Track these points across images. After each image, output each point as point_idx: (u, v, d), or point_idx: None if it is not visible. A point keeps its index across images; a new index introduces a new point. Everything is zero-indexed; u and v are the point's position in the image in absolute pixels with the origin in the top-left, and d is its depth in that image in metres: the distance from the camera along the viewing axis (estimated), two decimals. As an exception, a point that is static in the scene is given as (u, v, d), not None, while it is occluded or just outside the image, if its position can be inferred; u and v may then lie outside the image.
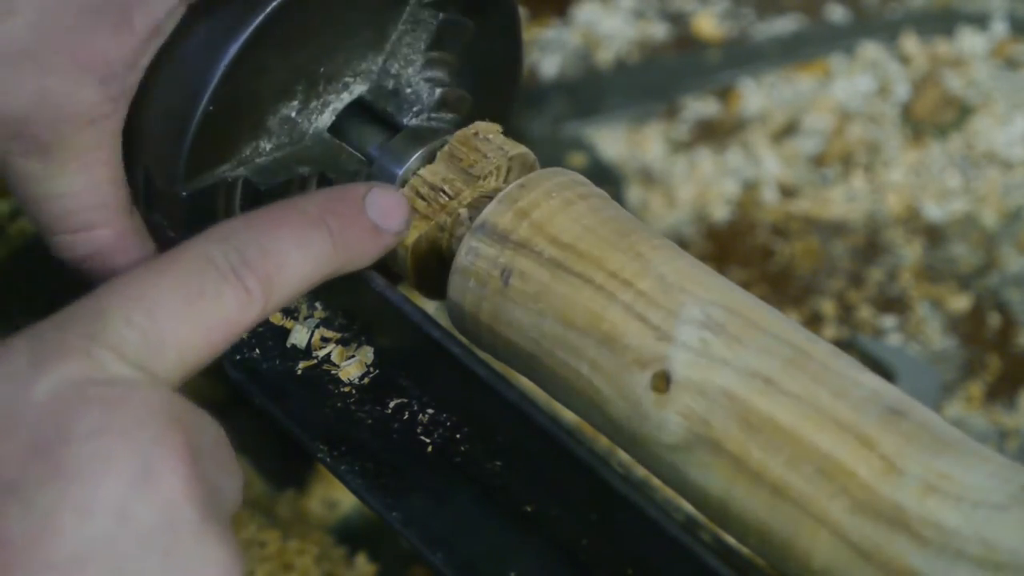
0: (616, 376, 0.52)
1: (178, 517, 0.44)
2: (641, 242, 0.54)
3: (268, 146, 0.60)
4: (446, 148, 0.59)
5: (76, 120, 0.55)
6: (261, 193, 0.58)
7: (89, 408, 0.44)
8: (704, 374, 0.50)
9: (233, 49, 0.56)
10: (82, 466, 0.43)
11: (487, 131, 0.59)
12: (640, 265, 0.53)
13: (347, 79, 0.61)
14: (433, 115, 0.62)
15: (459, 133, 0.59)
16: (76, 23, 0.54)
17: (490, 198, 0.56)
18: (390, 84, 0.62)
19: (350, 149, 0.61)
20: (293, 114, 0.60)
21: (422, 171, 0.59)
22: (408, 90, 0.62)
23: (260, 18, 0.56)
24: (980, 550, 0.45)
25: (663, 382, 0.51)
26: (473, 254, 0.55)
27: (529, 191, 0.56)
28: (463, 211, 0.57)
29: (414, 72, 0.62)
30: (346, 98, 0.62)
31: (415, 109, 0.62)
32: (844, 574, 0.47)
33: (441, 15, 0.61)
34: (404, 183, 0.59)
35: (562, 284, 0.53)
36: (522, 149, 0.59)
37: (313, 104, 0.60)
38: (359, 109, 0.62)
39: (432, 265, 0.58)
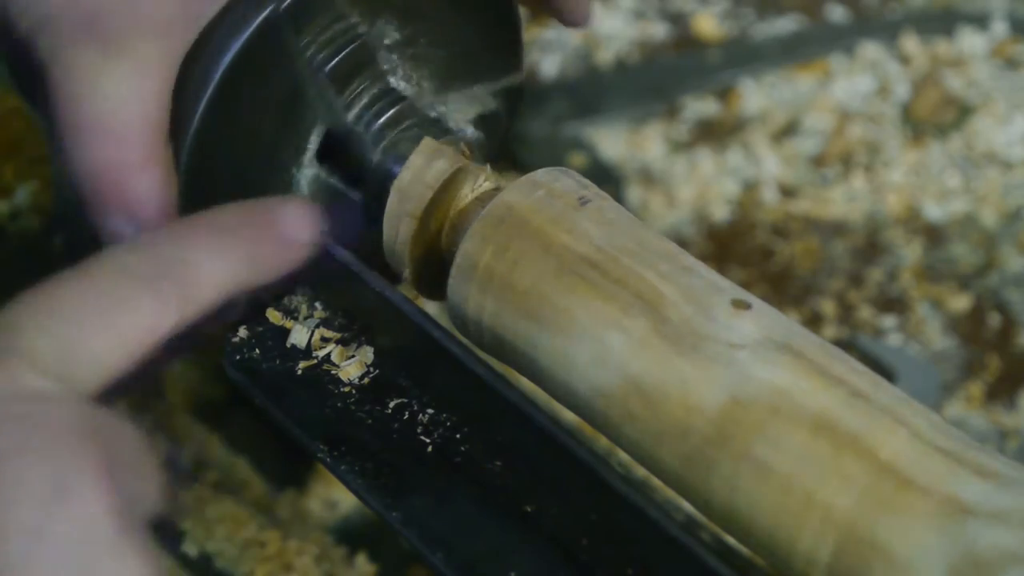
0: (689, 286, 0.52)
1: (95, 534, 0.43)
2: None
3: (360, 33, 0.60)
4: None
5: (150, 28, 0.55)
6: (348, 44, 0.59)
7: (3, 426, 0.43)
8: (784, 319, 0.51)
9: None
10: None
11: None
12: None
13: (414, 75, 0.62)
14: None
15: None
16: None
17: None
18: (433, 114, 0.62)
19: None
20: (386, 40, 0.61)
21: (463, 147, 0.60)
22: (450, 123, 0.63)
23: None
24: None
25: (744, 306, 0.51)
26: (552, 176, 0.56)
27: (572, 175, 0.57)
28: (504, 183, 0.58)
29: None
30: (401, 86, 0.63)
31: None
32: (917, 463, 0.47)
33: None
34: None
35: (643, 229, 0.54)
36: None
37: (393, 56, 0.61)
38: (394, 99, 0.62)
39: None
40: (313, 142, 0.61)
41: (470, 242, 0.55)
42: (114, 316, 0.47)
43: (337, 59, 0.59)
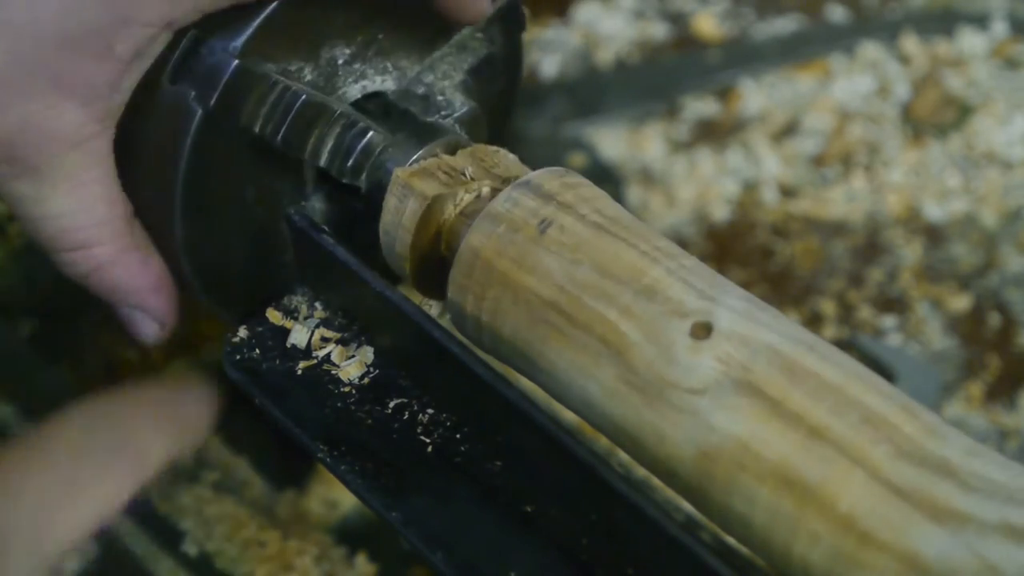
0: (650, 321, 0.51)
1: None
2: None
3: (308, 76, 0.60)
4: (469, 149, 0.59)
5: (62, 142, 0.56)
6: (292, 108, 0.58)
7: None
8: (749, 329, 0.50)
9: None
10: None
11: (506, 155, 0.60)
12: (683, 251, 0.54)
13: (389, 65, 0.61)
14: (369, 168, 0.61)
15: (480, 145, 0.60)
16: (55, 52, 0.54)
17: (470, 216, 0.57)
18: (420, 90, 0.62)
19: (371, 123, 0.60)
20: (340, 61, 0.60)
21: (444, 156, 0.59)
22: (440, 97, 0.62)
23: None
24: None
25: (704, 331, 0.51)
26: (511, 202, 0.55)
27: (571, 175, 0.57)
28: (485, 189, 0.57)
29: (449, 85, 0.63)
30: (378, 83, 0.62)
31: (441, 114, 0.62)
32: (875, 514, 0.46)
33: (487, 51, 0.62)
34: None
35: (604, 241, 0.54)
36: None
37: (355, 66, 0.61)
38: (379, 102, 0.62)
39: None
40: (309, 181, 0.62)
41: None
42: (78, 500, 0.50)
43: (284, 126, 0.58)
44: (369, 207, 0.60)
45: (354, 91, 0.61)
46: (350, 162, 0.59)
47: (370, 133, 0.59)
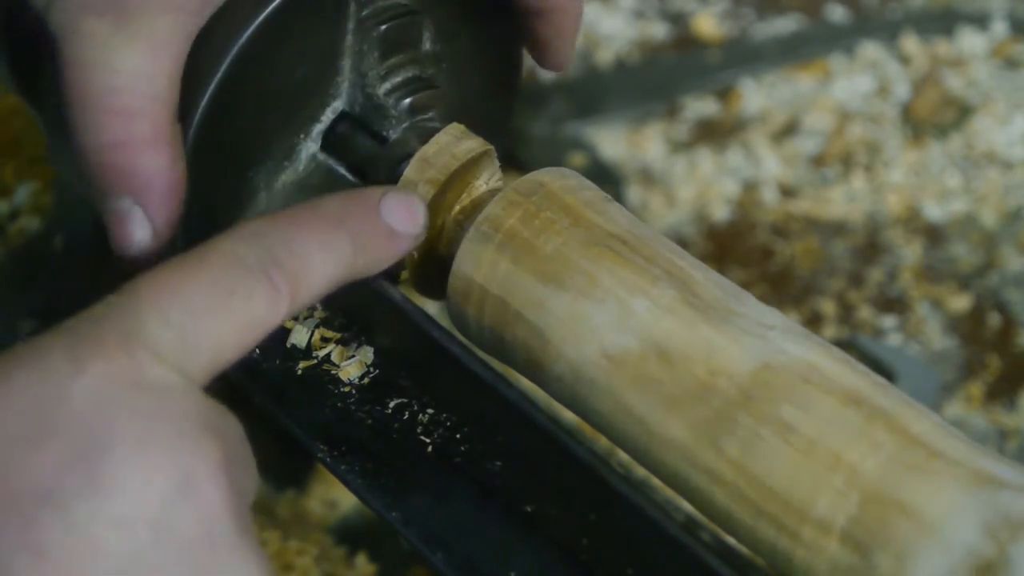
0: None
1: (216, 531, 0.43)
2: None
3: (264, 195, 0.60)
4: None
5: (165, 2, 0.54)
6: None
7: (129, 416, 0.43)
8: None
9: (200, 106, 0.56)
10: (123, 478, 0.42)
11: (438, 149, 0.58)
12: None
13: (318, 106, 0.61)
14: (412, 122, 0.61)
15: (419, 151, 0.59)
16: None
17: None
18: (360, 99, 0.61)
19: (342, 171, 0.61)
20: (278, 159, 0.60)
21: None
22: (377, 104, 0.61)
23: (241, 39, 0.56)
24: None
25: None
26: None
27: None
28: (484, 190, 0.57)
29: (379, 86, 0.61)
30: (326, 120, 0.61)
31: (392, 122, 0.61)
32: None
33: (383, 26, 0.60)
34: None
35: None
36: (470, 149, 0.58)
37: (294, 143, 0.60)
38: (346, 122, 0.61)
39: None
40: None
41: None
42: (231, 307, 0.47)
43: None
44: (382, 163, 0.60)
45: (312, 146, 0.61)
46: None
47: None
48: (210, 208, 0.58)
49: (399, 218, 0.54)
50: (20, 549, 0.41)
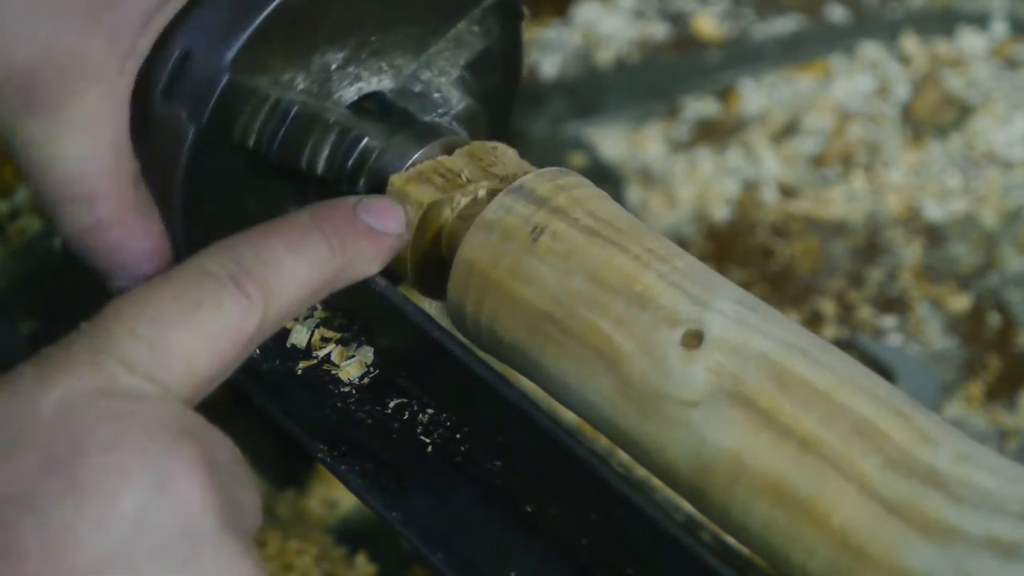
0: (642, 332, 0.51)
1: (197, 527, 0.43)
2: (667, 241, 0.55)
3: (302, 84, 0.59)
4: (466, 148, 0.59)
5: (85, 77, 0.54)
6: (286, 120, 0.58)
7: (100, 420, 0.44)
8: (740, 337, 0.50)
9: None
10: (97, 478, 0.43)
11: (505, 150, 0.59)
12: (677, 250, 0.54)
13: (384, 64, 0.61)
14: (447, 122, 0.62)
15: (478, 143, 0.59)
16: None
17: (467, 219, 0.56)
18: (417, 88, 0.62)
19: (366, 124, 0.60)
20: (333, 66, 0.60)
21: (441, 158, 0.59)
22: (436, 94, 0.62)
23: None
24: (1020, 507, 0.45)
25: (695, 339, 0.51)
26: (504, 210, 0.55)
27: (567, 176, 0.56)
28: (482, 191, 0.57)
29: (446, 81, 0.62)
30: (374, 83, 0.61)
31: (439, 111, 0.62)
32: (866, 529, 0.46)
33: (484, 44, 0.62)
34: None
35: (597, 247, 0.53)
36: (473, 148, 0.59)
37: (349, 69, 0.60)
38: (377, 101, 0.62)
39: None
40: (310, 187, 0.61)
41: (451, 293, 0.56)
42: (199, 316, 0.48)
43: (279, 139, 0.58)
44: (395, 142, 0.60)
45: (350, 94, 0.61)
46: (347, 169, 0.59)
47: (364, 140, 0.59)
48: (272, 46, 0.58)
49: (376, 217, 0.55)
50: (1, 555, 0.41)
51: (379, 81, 0.62)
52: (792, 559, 0.48)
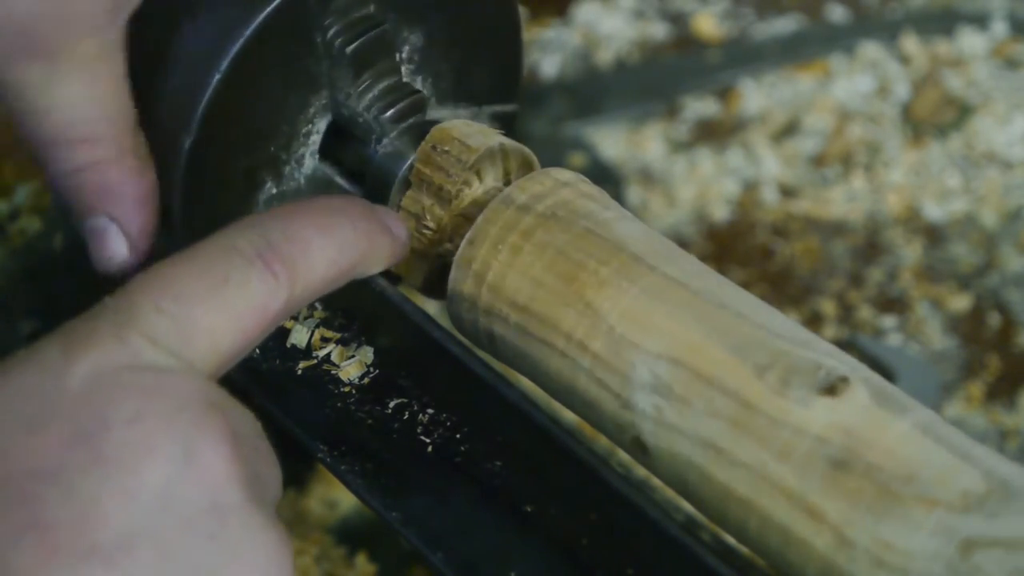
0: (609, 435, 0.54)
1: (223, 499, 0.43)
2: (588, 286, 0.53)
3: (274, 190, 0.60)
4: (414, 171, 0.58)
5: (78, 27, 0.54)
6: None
7: (126, 394, 0.44)
8: (668, 443, 0.51)
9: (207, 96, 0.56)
10: (123, 452, 0.43)
11: (443, 140, 0.58)
12: (589, 321, 0.53)
13: (318, 115, 0.61)
14: (400, 128, 0.60)
15: (419, 151, 0.58)
16: None
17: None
18: (345, 116, 0.61)
19: (340, 181, 0.61)
20: (282, 155, 0.60)
21: (404, 202, 0.58)
22: (360, 120, 0.60)
23: (236, 46, 0.56)
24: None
25: (640, 449, 0.52)
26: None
27: (478, 247, 0.55)
28: (449, 246, 0.57)
29: (358, 104, 0.61)
30: (321, 128, 0.61)
31: (375, 136, 0.60)
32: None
33: (349, 47, 0.59)
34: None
35: (533, 350, 0.54)
36: (485, 146, 0.58)
37: (296, 142, 0.60)
38: (339, 133, 0.61)
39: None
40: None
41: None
42: (225, 293, 0.47)
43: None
44: (374, 175, 0.60)
45: (311, 152, 0.61)
46: (387, 115, 0.60)
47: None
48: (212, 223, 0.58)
49: (393, 221, 0.55)
50: (27, 527, 0.41)
51: (324, 125, 0.61)
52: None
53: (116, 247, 0.56)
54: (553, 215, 0.55)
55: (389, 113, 0.60)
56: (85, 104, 0.55)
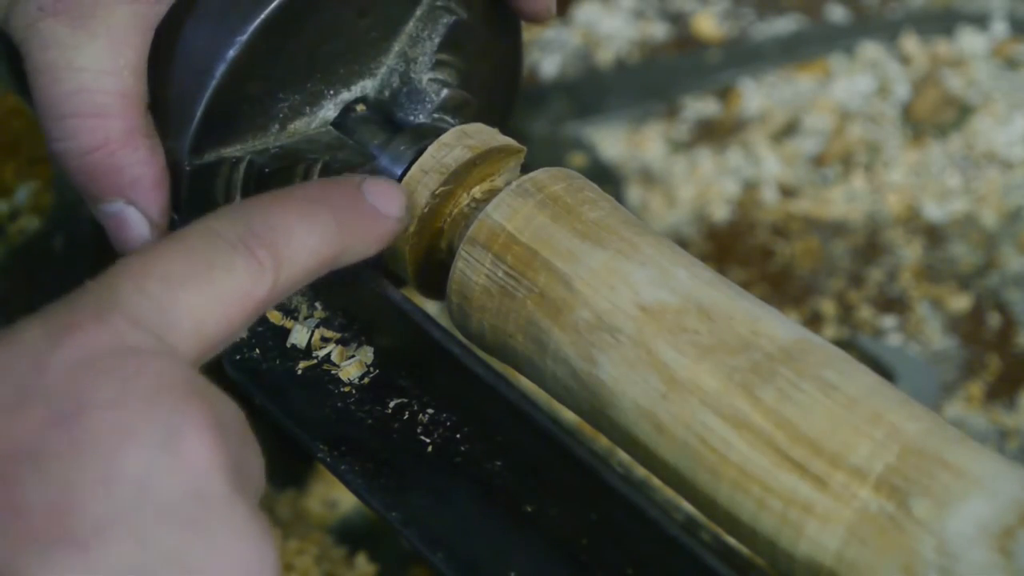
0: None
1: (205, 488, 0.42)
2: None
3: (275, 131, 0.60)
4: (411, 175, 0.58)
5: None
6: (265, 175, 0.58)
7: (106, 377, 0.43)
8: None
9: (248, 29, 0.56)
10: (102, 436, 0.42)
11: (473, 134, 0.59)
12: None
13: (355, 74, 0.61)
14: (436, 116, 0.62)
15: (429, 149, 0.59)
16: None
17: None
18: (396, 82, 0.62)
19: (352, 143, 0.61)
20: (302, 103, 0.60)
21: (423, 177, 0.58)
22: (415, 89, 0.62)
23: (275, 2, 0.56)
24: None
25: None
26: (496, 212, 0.56)
27: (478, 247, 0.56)
28: (479, 193, 0.57)
29: (422, 71, 0.62)
30: (354, 92, 0.62)
31: (420, 108, 0.62)
32: None
33: (455, 17, 0.61)
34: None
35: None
36: (492, 145, 0.58)
37: (321, 95, 0.60)
38: (363, 106, 0.62)
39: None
40: (354, 91, 0.61)
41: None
42: (209, 277, 0.47)
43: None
44: (390, 148, 0.60)
45: (330, 112, 0.61)
46: (444, 92, 0.61)
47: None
48: (228, 116, 0.58)
49: (381, 200, 0.54)
50: (1, 510, 0.41)
51: (359, 89, 0.62)
52: (887, 417, 0.49)
53: (139, 230, 0.56)
54: (552, 212, 0.55)
55: (445, 93, 0.61)
56: (103, 72, 0.54)
